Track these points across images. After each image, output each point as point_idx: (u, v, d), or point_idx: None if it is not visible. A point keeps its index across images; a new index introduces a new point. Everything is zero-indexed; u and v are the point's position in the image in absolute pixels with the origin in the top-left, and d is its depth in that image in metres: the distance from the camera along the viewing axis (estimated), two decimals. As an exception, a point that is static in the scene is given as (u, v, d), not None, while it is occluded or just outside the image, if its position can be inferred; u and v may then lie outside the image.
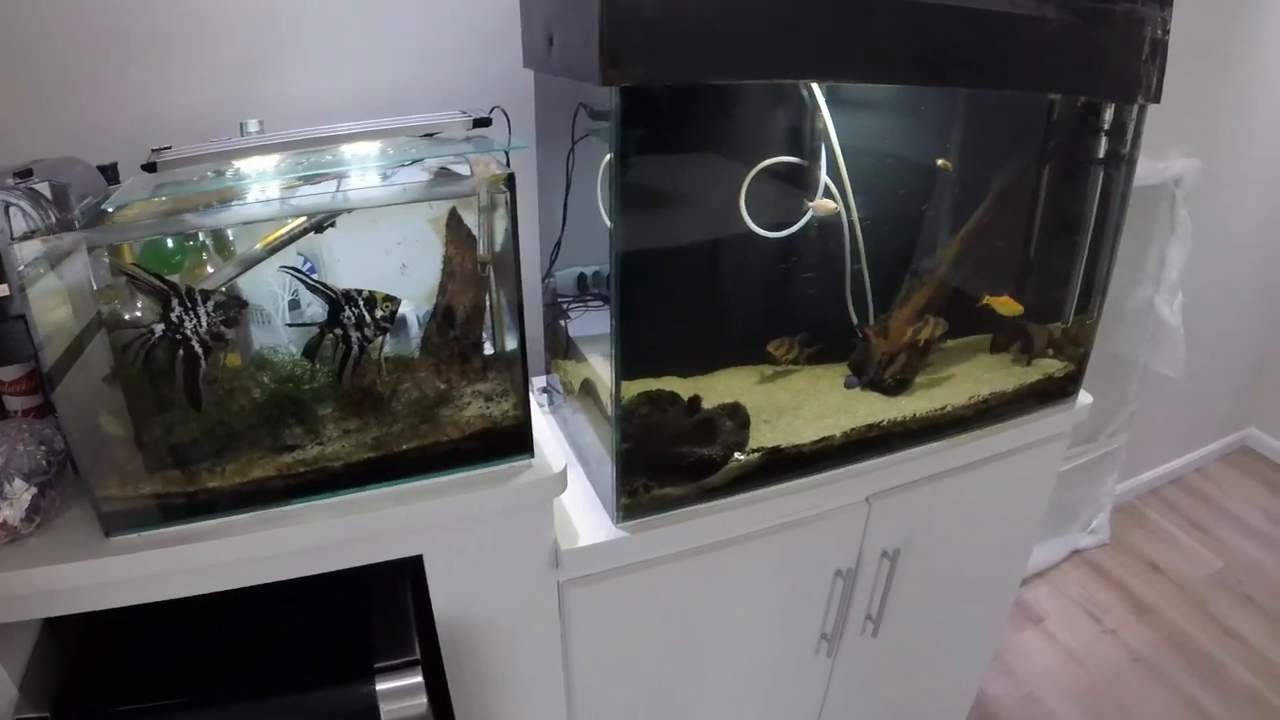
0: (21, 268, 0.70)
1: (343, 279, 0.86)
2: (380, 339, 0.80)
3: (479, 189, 0.74)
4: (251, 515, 0.80)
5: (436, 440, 0.83)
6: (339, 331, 0.78)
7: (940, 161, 1.07)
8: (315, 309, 0.81)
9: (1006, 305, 1.19)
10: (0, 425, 0.81)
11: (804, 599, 1.18)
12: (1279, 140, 2.23)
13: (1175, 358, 2.09)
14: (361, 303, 0.77)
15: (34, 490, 0.76)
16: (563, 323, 1.17)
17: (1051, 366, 1.27)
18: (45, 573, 0.73)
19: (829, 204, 1.03)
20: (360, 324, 0.78)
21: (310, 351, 0.79)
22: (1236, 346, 2.60)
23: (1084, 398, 1.31)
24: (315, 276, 0.92)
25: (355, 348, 0.79)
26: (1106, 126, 1.12)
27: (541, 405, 1.22)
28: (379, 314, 0.78)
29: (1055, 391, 1.27)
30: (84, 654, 0.87)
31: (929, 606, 1.36)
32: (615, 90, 0.72)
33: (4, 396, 0.85)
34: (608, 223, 0.80)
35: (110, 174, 0.94)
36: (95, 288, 0.77)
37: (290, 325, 0.82)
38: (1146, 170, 1.90)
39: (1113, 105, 1.11)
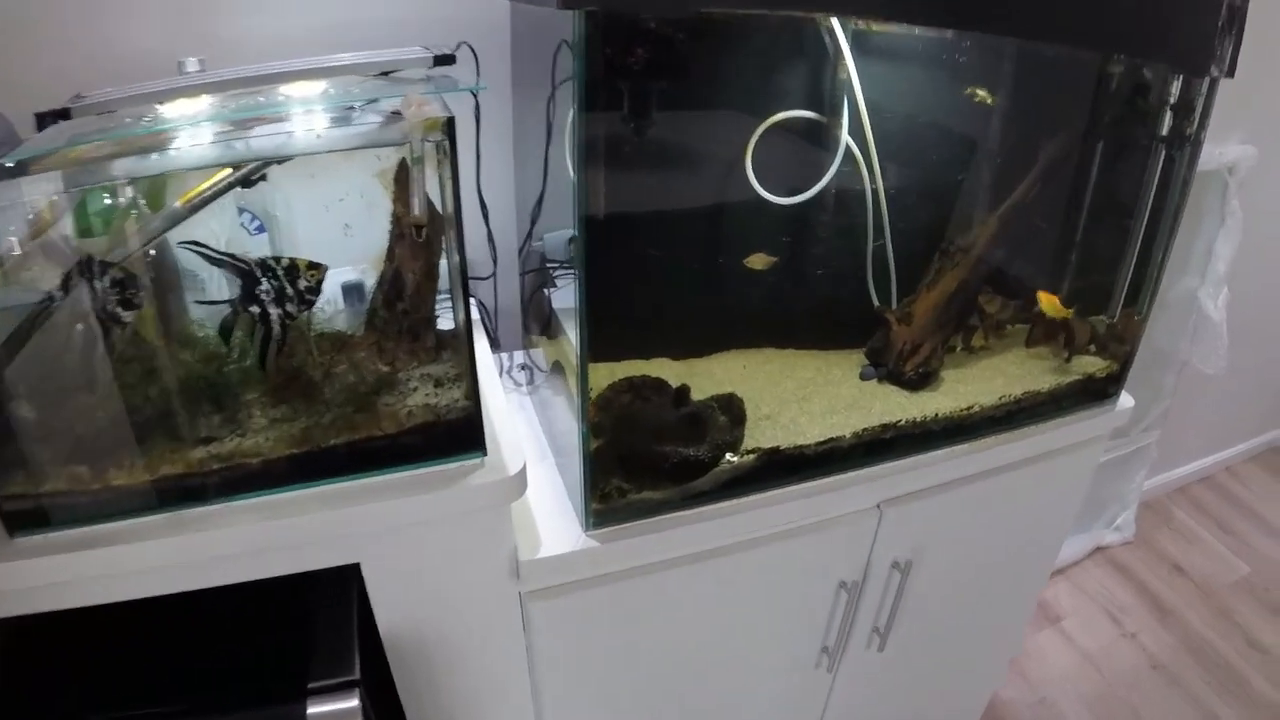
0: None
1: (300, 238, 0.74)
2: (305, 314, 0.67)
3: (410, 136, 0.61)
4: (164, 517, 0.69)
5: (371, 435, 0.71)
6: (255, 310, 0.65)
7: (974, 91, 0.90)
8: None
9: (1051, 304, 1.06)
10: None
11: (803, 612, 1.06)
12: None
13: (1216, 355, 1.93)
14: (281, 273, 0.64)
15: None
16: (547, 292, 1.04)
17: (1093, 365, 1.13)
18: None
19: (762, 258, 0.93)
20: (281, 298, 0.65)
21: (225, 332, 0.67)
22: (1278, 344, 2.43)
23: (1125, 400, 1.17)
24: (262, 237, 0.81)
25: (276, 326, 0.66)
26: (1172, 101, 0.97)
27: (520, 385, 1.10)
28: (303, 285, 0.65)
29: (1095, 392, 1.13)
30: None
31: (942, 619, 1.24)
32: (579, 16, 0.58)
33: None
34: (571, 174, 0.67)
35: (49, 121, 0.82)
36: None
37: (199, 303, 0.69)
38: (1202, 155, 1.74)
39: (1180, 77, 0.95)
